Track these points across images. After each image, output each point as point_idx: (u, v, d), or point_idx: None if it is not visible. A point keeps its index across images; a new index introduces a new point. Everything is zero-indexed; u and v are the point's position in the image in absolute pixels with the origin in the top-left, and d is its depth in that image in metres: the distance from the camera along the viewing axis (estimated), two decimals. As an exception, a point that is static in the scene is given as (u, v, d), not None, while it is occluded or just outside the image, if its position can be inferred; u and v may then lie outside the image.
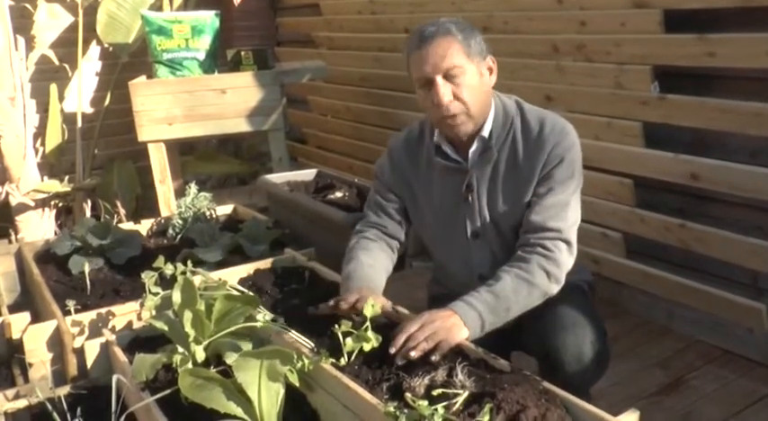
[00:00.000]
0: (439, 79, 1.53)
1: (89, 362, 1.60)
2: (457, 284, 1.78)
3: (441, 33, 1.54)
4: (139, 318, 1.74)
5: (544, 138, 1.57)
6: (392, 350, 1.31)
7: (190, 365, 1.39)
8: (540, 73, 2.88)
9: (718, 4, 2.28)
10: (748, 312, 2.32)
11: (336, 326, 1.35)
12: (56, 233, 3.55)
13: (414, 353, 1.29)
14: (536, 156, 1.57)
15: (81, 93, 3.77)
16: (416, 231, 1.82)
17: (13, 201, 3.46)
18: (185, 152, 4.21)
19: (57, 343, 1.64)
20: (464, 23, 1.59)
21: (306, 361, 1.31)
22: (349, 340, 1.32)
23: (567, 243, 1.54)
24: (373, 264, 1.65)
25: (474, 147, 1.62)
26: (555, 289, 1.53)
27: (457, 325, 1.37)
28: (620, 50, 2.56)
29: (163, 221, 2.47)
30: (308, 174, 2.65)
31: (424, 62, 1.54)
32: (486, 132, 1.61)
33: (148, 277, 1.63)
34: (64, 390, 1.53)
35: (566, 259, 1.54)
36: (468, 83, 1.54)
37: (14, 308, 2.02)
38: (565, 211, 1.56)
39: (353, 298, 1.47)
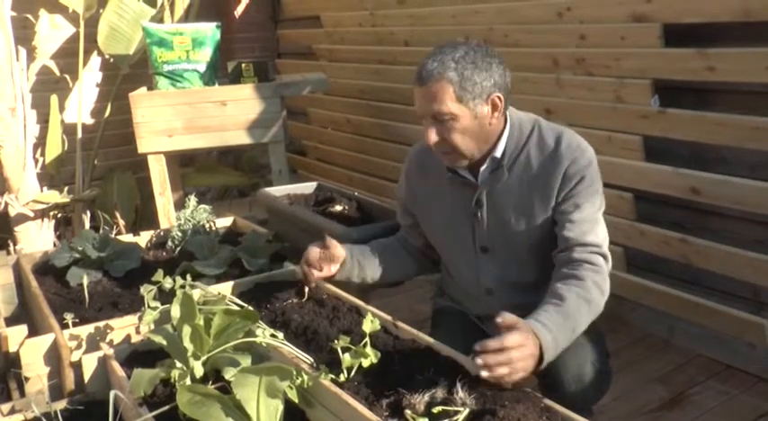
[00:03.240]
0: (426, 121, 1.55)
1: (86, 377, 1.58)
2: (464, 296, 1.79)
3: (435, 76, 1.50)
4: (138, 332, 1.72)
5: (560, 153, 1.56)
6: (478, 347, 1.23)
7: (188, 381, 1.37)
8: (540, 86, 2.89)
9: (717, 19, 2.29)
10: (749, 327, 2.31)
11: (336, 341, 1.34)
12: (55, 244, 3.54)
13: (487, 374, 1.21)
14: (552, 171, 1.56)
15: (81, 103, 3.77)
16: (430, 240, 1.83)
17: (13, 212, 3.45)
18: (185, 164, 4.20)
19: (54, 357, 1.63)
20: (471, 57, 1.51)
21: (305, 377, 1.30)
22: (347, 356, 1.31)
23: (605, 257, 1.54)
24: (375, 246, 1.79)
25: (485, 166, 1.63)
26: (603, 303, 1.50)
27: (536, 356, 1.30)
28: (620, 64, 2.57)
29: (162, 233, 2.45)
30: (307, 187, 2.64)
31: (418, 100, 1.57)
32: (498, 152, 1.61)
33: (147, 291, 1.62)
34: (60, 405, 1.51)
35: (606, 273, 1.53)
36: (459, 127, 1.53)
37: (12, 320, 2.00)
38: (597, 227, 1.55)
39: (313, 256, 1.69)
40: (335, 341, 1.34)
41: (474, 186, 1.64)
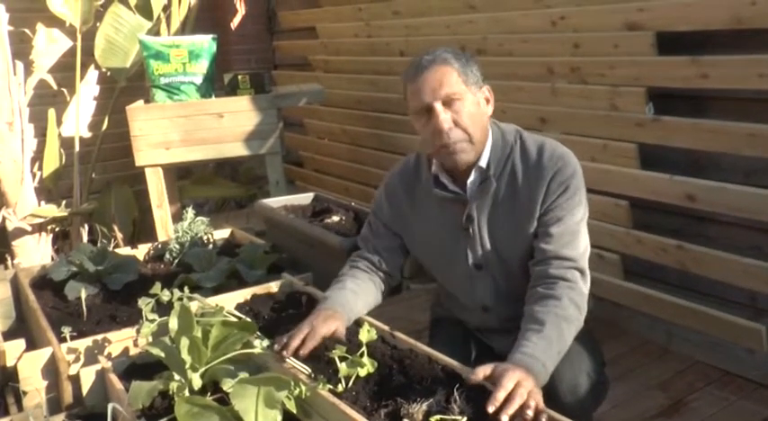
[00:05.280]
0: (438, 106, 1.52)
1: (84, 390, 1.58)
2: (461, 311, 1.78)
3: (438, 62, 1.54)
4: (136, 345, 1.72)
5: (543, 164, 1.56)
6: (491, 408, 1.17)
7: (186, 392, 1.38)
8: (535, 95, 2.90)
9: (710, 27, 2.31)
10: (748, 333, 2.31)
11: (333, 351, 1.34)
12: (52, 258, 3.54)
13: (531, 412, 1.17)
14: (536, 183, 1.56)
15: (79, 117, 3.79)
16: (418, 260, 1.81)
17: (10, 226, 3.46)
18: (182, 176, 4.21)
19: (52, 370, 1.63)
20: (461, 53, 1.59)
21: (303, 387, 1.30)
22: (343, 365, 1.31)
23: (582, 272, 1.53)
24: (357, 291, 1.64)
25: (472, 178, 1.61)
26: (583, 319, 1.50)
27: (538, 384, 1.29)
28: (614, 72, 2.59)
29: (160, 246, 2.46)
30: (305, 198, 2.64)
31: (423, 90, 1.53)
32: (483, 162, 1.60)
33: (145, 303, 1.62)
34: (59, 419, 1.51)
35: (583, 288, 1.52)
36: (467, 109, 1.54)
37: (9, 334, 1.99)
38: (576, 240, 1.54)
39: (298, 340, 1.42)
40: (333, 351, 1.35)
41: (463, 201, 1.62)
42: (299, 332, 1.45)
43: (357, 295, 1.64)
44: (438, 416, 1.17)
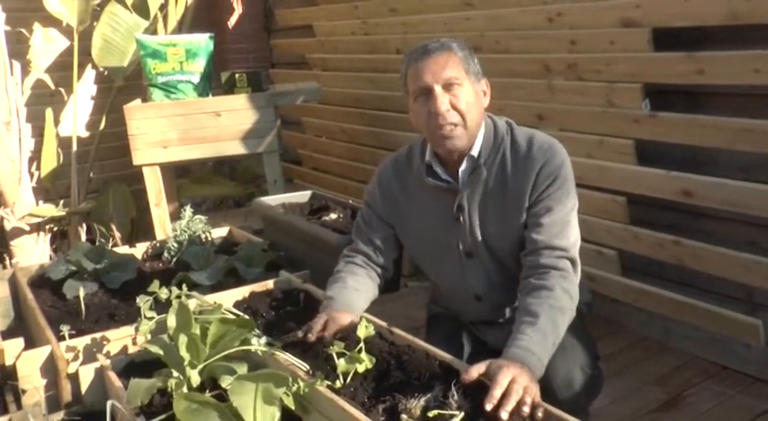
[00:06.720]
0: (438, 88, 1.55)
1: (83, 388, 1.58)
2: (453, 304, 1.79)
3: (443, 48, 1.59)
4: (134, 343, 1.73)
5: (532, 155, 1.58)
6: (488, 406, 1.17)
7: (185, 389, 1.38)
8: (532, 92, 2.91)
9: (706, 23, 2.31)
10: (745, 328, 2.32)
11: (330, 347, 1.35)
12: (51, 257, 3.54)
13: (527, 409, 1.19)
14: (525, 174, 1.58)
15: (76, 117, 3.78)
16: (410, 253, 1.82)
17: (8, 226, 3.45)
18: (180, 175, 4.21)
19: (50, 369, 1.63)
20: (464, 44, 1.63)
21: (301, 383, 1.30)
22: (341, 361, 1.32)
23: (573, 262, 1.54)
24: (359, 288, 1.66)
25: (464, 167, 1.63)
26: (575, 308, 1.50)
27: (531, 373, 1.30)
28: (611, 69, 2.59)
29: (158, 245, 2.46)
30: (302, 196, 2.65)
31: (425, 72, 1.56)
32: (475, 152, 1.62)
33: (143, 301, 1.63)
34: (58, 417, 1.52)
35: (575, 277, 1.53)
36: (465, 96, 1.57)
37: (8, 333, 2.00)
38: (567, 230, 1.55)
39: (320, 325, 1.48)
40: (331, 347, 1.35)
41: (455, 191, 1.64)
42: (319, 319, 1.50)
43: (360, 292, 1.66)
44: (436, 411, 1.17)
